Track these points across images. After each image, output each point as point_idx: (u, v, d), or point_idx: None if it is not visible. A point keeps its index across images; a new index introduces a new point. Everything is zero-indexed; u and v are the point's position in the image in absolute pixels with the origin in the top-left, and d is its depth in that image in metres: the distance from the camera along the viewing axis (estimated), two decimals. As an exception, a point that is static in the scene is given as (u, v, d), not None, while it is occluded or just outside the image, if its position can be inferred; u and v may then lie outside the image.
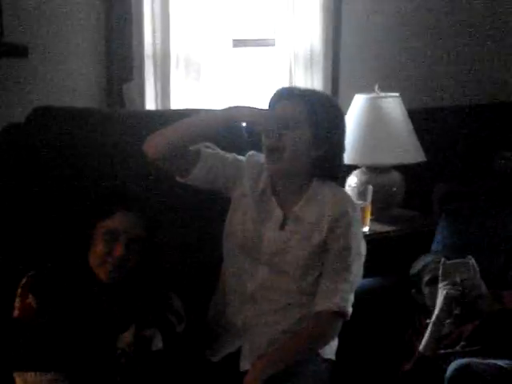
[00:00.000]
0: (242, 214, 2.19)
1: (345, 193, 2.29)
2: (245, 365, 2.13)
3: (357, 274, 2.17)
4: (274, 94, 2.18)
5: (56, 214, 2.32)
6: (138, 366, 1.98)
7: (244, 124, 2.29)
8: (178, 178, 2.17)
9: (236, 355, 2.16)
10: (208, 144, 2.17)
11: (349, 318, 2.15)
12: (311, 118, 2.10)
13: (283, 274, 2.15)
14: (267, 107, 2.18)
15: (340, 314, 2.12)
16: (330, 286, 2.12)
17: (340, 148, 2.20)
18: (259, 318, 2.15)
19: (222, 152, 2.20)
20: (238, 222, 2.19)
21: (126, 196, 2.13)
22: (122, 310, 2.04)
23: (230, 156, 2.21)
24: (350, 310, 2.14)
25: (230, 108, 2.12)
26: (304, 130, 2.10)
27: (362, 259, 2.21)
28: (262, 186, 2.19)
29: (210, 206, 2.37)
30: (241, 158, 2.23)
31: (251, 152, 2.25)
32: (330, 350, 2.21)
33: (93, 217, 2.07)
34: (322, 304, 2.11)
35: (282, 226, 2.16)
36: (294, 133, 2.09)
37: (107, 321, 2.02)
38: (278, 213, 2.17)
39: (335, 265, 2.13)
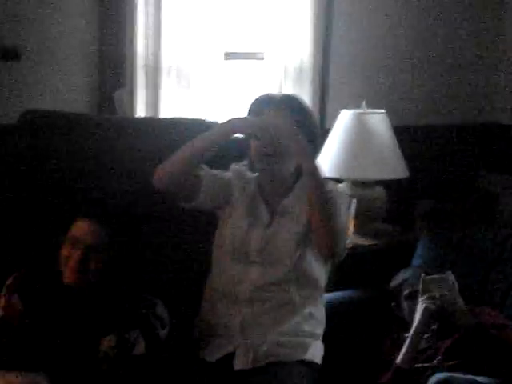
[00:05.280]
0: (232, 225, 2.26)
1: (330, 182, 2.35)
2: (238, 364, 2.17)
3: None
4: (256, 103, 2.27)
5: (41, 216, 2.34)
6: (120, 370, 1.99)
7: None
8: (183, 205, 2.25)
9: (232, 355, 2.19)
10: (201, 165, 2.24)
11: None
12: (296, 122, 2.19)
13: (276, 266, 2.20)
14: (249, 114, 2.27)
15: None
16: None
17: (320, 146, 2.34)
18: (256, 320, 2.20)
19: (213, 171, 2.27)
20: (228, 232, 2.26)
21: (88, 204, 2.17)
22: (100, 314, 2.06)
23: (219, 173, 2.29)
24: None
25: (229, 121, 2.19)
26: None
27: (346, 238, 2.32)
28: (251, 194, 2.27)
29: (198, 215, 2.39)
30: (226, 173, 2.31)
31: (233, 165, 2.33)
32: (314, 352, 2.24)
33: (62, 222, 2.12)
34: None
35: (269, 225, 2.24)
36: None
37: (86, 324, 2.04)
38: (265, 216, 2.25)
39: None
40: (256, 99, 2.29)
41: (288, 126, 2.16)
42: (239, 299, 2.22)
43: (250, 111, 2.28)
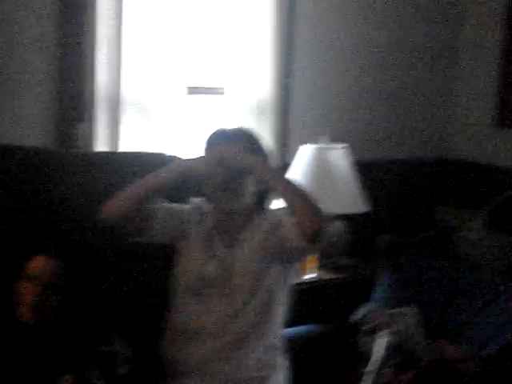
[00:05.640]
0: (188, 260, 2.26)
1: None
2: None
3: None
4: (209, 140, 2.26)
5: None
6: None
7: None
8: (135, 239, 2.24)
9: None
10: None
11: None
12: (251, 153, 2.20)
13: (235, 295, 2.19)
14: (205, 152, 2.26)
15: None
16: None
17: None
18: (216, 355, 2.18)
19: (168, 205, 2.27)
20: (184, 268, 2.25)
21: (44, 241, 2.15)
22: (58, 352, 2.02)
23: (176, 207, 2.28)
24: None
25: (182, 162, 2.23)
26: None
27: None
28: (208, 228, 2.26)
29: (157, 250, 2.38)
30: (184, 206, 2.31)
31: (191, 198, 2.33)
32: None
33: (18, 259, 2.09)
34: None
35: (225, 258, 2.23)
36: (242, 171, 2.18)
37: (43, 362, 2.00)
38: (221, 250, 2.24)
39: None
40: (209, 137, 2.28)
41: (240, 154, 2.16)
42: (201, 334, 2.20)
43: (205, 150, 2.27)
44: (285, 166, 3.22)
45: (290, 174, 3.09)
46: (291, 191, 2.14)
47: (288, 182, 2.19)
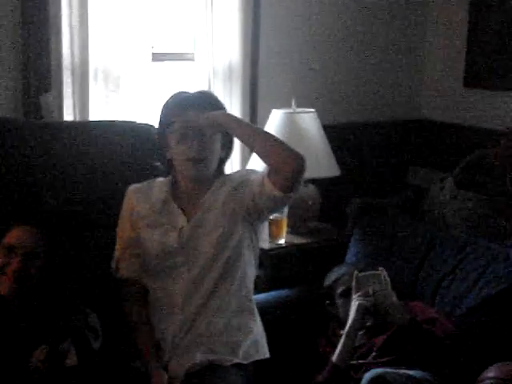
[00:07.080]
0: (147, 237, 2.24)
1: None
2: (172, 374, 2.14)
3: None
4: (173, 106, 2.24)
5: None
6: (52, 382, 1.95)
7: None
8: None
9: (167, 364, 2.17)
10: None
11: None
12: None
13: (200, 258, 2.18)
14: (164, 120, 2.24)
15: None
16: None
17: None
18: (185, 326, 2.18)
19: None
20: (146, 244, 2.24)
21: (24, 211, 2.12)
22: (33, 325, 2.02)
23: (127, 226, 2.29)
24: None
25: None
26: (217, 134, 2.21)
27: None
28: (160, 199, 2.25)
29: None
30: (123, 213, 2.30)
31: (128, 188, 2.31)
32: (247, 351, 2.21)
33: None
34: None
35: (185, 225, 2.22)
36: (214, 138, 2.18)
37: (18, 336, 1.99)
38: (180, 218, 2.22)
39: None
40: (172, 103, 2.25)
41: (207, 114, 2.16)
42: (171, 309, 2.20)
43: (166, 115, 2.25)
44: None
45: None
46: (264, 136, 2.15)
47: (258, 128, 2.18)
